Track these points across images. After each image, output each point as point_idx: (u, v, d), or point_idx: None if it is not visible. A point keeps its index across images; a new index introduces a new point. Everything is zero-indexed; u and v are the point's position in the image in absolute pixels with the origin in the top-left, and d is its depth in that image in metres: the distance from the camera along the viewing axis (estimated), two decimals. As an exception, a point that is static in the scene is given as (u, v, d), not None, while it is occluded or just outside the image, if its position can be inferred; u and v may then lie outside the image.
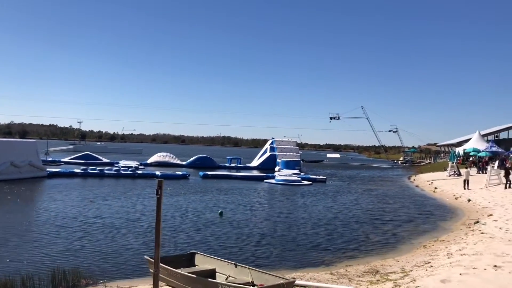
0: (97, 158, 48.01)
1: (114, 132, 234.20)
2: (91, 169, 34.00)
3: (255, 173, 43.51)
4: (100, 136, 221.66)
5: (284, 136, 58.29)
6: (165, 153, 51.33)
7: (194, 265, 8.43)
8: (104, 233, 13.44)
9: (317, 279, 8.89)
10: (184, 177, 34.48)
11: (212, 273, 7.87)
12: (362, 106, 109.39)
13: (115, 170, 34.74)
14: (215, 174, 37.62)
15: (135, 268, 9.78)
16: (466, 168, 33.56)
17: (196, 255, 8.69)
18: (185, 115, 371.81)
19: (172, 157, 50.15)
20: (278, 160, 48.47)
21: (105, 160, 48.36)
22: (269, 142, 53.43)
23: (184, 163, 48.88)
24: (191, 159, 49.76)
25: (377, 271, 9.68)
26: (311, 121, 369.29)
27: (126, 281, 8.92)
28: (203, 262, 8.44)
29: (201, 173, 36.64)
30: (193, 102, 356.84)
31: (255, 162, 52.41)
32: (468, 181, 27.29)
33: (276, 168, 45.75)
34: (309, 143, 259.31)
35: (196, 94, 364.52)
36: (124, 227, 14.51)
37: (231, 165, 50.66)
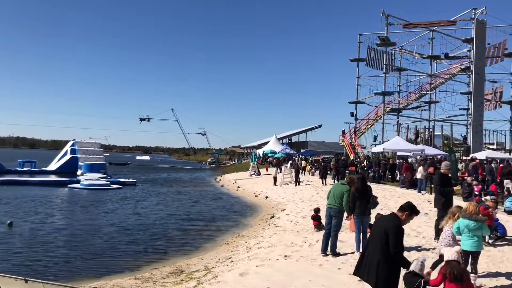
0: None
1: None
2: None
3: (53, 177, 39.47)
4: None
5: (90, 138, 54.63)
6: None
7: None
8: None
9: (120, 286, 8.47)
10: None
11: None
12: (172, 109, 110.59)
13: None
14: (6, 180, 32.72)
15: None
16: (274, 167, 36.85)
17: None
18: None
19: None
20: (80, 163, 44.97)
21: None
22: (70, 143, 49.04)
23: (-41, 168, 41.32)
24: (-30, 163, 42.41)
25: (182, 271, 9.73)
26: (120, 122, 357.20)
27: None
28: None
29: (-12, 179, 31.45)
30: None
31: (53, 166, 47.47)
32: (276, 178, 29.89)
33: (78, 172, 42.44)
34: (118, 145, 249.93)
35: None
36: None
37: (24, 169, 44.75)
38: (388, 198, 17.89)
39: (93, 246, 12.78)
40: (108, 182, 33.14)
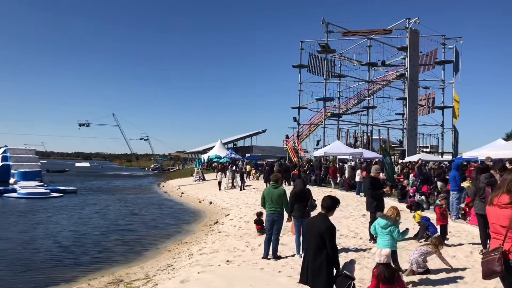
0: None
1: None
2: None
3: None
4: None
5: (25, 144, 51.74)
6: None
7: None
8: None
9: (54, 299, 8.10)
10: None
11: None
12: (113, 114, 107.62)
13: None
14: None
15: None
16: (219, 171, 36.67)
17: None
18: None
19: None
20: (13, 171, 42.40)
21: None
22: (1, 150, 46.20)
23: None
24: None
25: (121, 281, 9.47)
26: (58, 127, 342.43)
27: None
28: None
29: None
30: None
31: (-18, 174, 44.44)
32: (221, 183, 29.80)
33: (11, 180, 39.98)
34: (56, 151, 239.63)
35: None
36: None
37: None
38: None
39: (24, 260, 12.06)
40: (48, 191, 31.51)
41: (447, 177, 16.22)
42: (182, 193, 32.64)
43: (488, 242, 8.10)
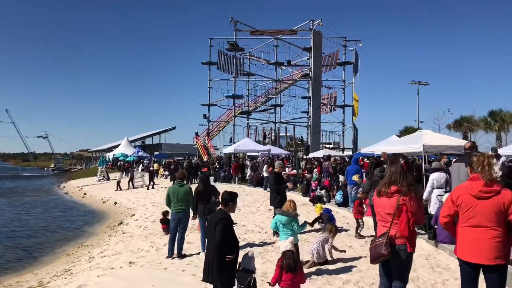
0: None
1: None
2: None
3: None
4: None
5: None
6: None
7: None
8: None
9: None
10: None
11: None
12: (7, 110, 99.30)
13: None
14: None
15: None
16: (123, 171, 35.30)
17: None
18: None
19: None
20: None
21: None
22: None
23: None
24: None
25: (12, 291, 8.72)
26: None
27: None
28: None
29: None
30: None
31: None
32: (119, 182, 28.71)
33: None
34: None
35: None
36: None
37: None
38: (237, 197, 18.57)
39: None
40: None
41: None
42: (85, 193, 30.92)
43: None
